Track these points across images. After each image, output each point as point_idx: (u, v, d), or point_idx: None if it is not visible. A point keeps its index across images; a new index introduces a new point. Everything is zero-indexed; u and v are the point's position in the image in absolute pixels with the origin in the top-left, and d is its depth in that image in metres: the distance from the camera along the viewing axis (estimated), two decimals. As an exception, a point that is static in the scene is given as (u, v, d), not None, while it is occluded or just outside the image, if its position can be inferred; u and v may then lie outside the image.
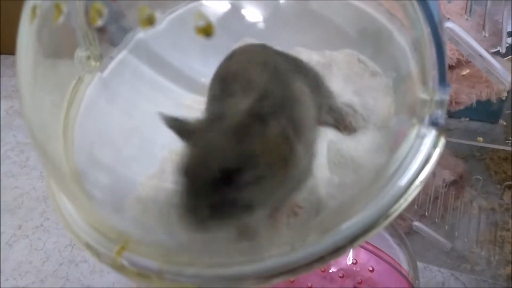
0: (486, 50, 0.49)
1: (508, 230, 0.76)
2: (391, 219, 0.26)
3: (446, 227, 0.78)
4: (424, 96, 0.29)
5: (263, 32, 0.35)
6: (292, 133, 0.28)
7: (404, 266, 0.54)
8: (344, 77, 0.38)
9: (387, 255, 0.53)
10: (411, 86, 0.31)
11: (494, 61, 0.46)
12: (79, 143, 0.35)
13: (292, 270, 0.27)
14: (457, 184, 0.83)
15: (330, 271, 0.57)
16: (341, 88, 0.37)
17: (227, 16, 0.33)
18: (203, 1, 0.36)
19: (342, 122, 0.37)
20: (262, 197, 0.27)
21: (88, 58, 0.36)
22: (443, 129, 0.29)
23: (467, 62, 0.67)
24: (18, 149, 1.07)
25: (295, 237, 0.28)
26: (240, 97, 0.29)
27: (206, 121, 0.29)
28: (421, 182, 0.27)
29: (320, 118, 0.35)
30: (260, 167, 0.27)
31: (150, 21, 0.29)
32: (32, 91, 0.33)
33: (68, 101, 0.37)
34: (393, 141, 0.32)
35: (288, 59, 0.35)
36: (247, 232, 0.31)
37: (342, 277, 0.56)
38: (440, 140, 0.28)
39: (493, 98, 0.69)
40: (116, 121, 0.38)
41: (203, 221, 0.26)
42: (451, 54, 0.67)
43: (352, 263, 0.57)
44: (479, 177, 0.81)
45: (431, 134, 0.29)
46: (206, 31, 0.29)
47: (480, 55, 0.46)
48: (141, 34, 0.37)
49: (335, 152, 0.34)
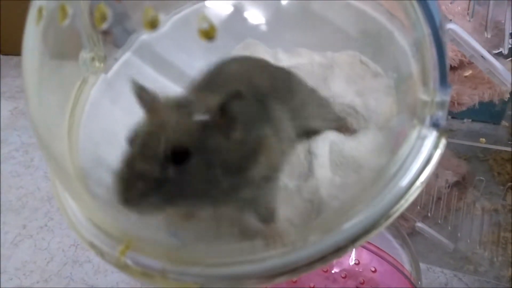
0: (489, 51, 0.49)
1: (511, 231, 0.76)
2: (392, 220, 0.27)
3: (449, 228, 0.77)
4: (425, 97, 0.29)
5: (266, 33, 0.35)
6: (252, 142, 0.28)
7: (407, 267, 0.54)
8: (346, 78, 0.38)
9: (390, 256, 0.53)
10: (412, 87, 0.31)
11: (496, 62, 0.46)
12: (84, 143, 0.35)
13: (294, 270, 0.27)
14: (460, 185, 0.83)
15: (333, 272, 0.57)
16: (343, 89, 0.37)
17: (230, 18, 0.34)
18: (206, 3, 0.36)
19: (344, 126, 0.37)
20: (203, 189, 0.27)
21: (93, 60, 0.36)
22: (444, 130, 0.29)
23: (470, 63, 0.67)
24: (23, 150, 1.07)
25: (297, 237, 0.28)
26: (215, 95, 0.28)
27: (174, 102, 0.29)
28: (422, 183, 0.27)
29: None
30: (209, 158, 0.26)
31: (154, 24, 0.30)
32: (38, 92, 0.33)
33: (73, 102, 0.37)
34: (394, 142, 0.32)
35: (279, 79, 0.35)
36: (248, 232, 0.31)
37: (345, 278, 0.56)
38: (441, 141, 0.29)
39: (496, 100, 0.69)
40: (120, 121, 0.38)
41: (134, 198, 0.26)
42: (454, 55, 0.67)
43: (355, 264, 0.57)
44: (482, 178, 0.81)
45: (432, 135, 0.29)
46: (209, 34, 0.29)
47: (482, 56, 0.46)
48: (145, 36, 0.37)
49: (337, 153, 0.34)
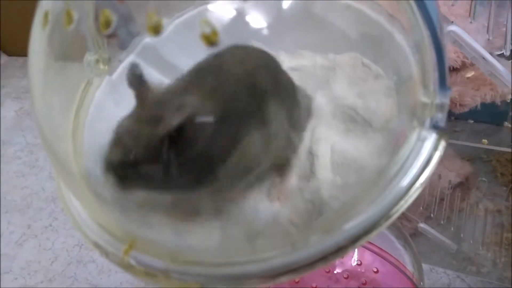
0: (491, 53, 0.49)
1: (515, 232, 0.76)
2: (392, 221, 0.27)
3: (452, 229, 0.77)
4: (425, 100, 0.30)
5: (268, 36, 0.35)
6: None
7: (409, 268, 0.54)
8: (348, 80, 0.38)
9: (392, 257, 0.53)
10: (412, 89, 0.31)
11: (498, 64, 0.46)
12: (88, 144, 0.36)
13: (295, 270, 0.27)
14: (463, 186, 0.83)
15: (335, 272, 0.57)
16: (345, 91, 0.37)
17: (232, 22, 0.34)
18: (209, 7, 0.36)
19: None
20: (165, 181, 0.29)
21: (97, 62, 0.37)
22: (444, 132, 0.29)
23: (472, 65, 0.67)
24: (28, 150, 1.08)
25: (298, 237, 0.29)
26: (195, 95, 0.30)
27: (163, 95, 0.30)
28: (421, 185, 0.28)
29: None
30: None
31: (157, 29, 0.30)
32: (43, 93, 0.33)
33: (78, 104, 0.37)
34: (395, 143, 0.32)
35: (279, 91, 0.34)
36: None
37: (347, 278, 0.57)
38: (441, 143, 0.29)
39: (498, 101, 0.69)
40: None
41: (120, 177, 0.29)
42: (456, 57, 0.67)
43: (357, 264, 0.57)
44: (485, 179, 0.81)
45: (432, 137, 0.29)
46: (211, 39, 0.29)
47: (483, 58, 0.46)
48: (148, 39, 0.37)
49: (339, 154, 0.35)
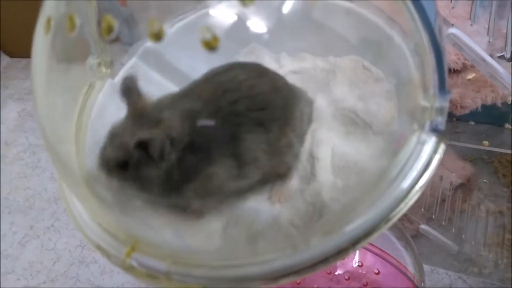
0: (491, 55, 0.49)
1: (516, 233, 0.76)
2: (392, 223, 0.27)
3: (453, 230, 0.77)
4: (425, 103, 0.30)
5: (268, 41, 0.35)
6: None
7: (410, 269, 0.54)
8: (349, 83, 0.38)
9: (393, 258, 0.53)
10: (412, 92, 0.31)
11: (498, 66, 0.46)
12: (91, 146, 0.36)
13: (297, 272, 0.28)
14: (465, 187, 0.82)
15: (336, 273, 0.57)
16: (346, 94, 0.38)
17: (234, 25, 0.34)
18: (210, 12, 0.36)
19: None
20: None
21: (99, 65, 0.37)
22: (443, 135, 0.29)
23: (473, 67, 0.67)
24: (30, 151, 1.08)
25: (299, 239, 0.29)
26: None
27: (150, 108, 0.33)
28: (421, 187, 0.28)
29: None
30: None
31: (159, 35, 0.30)
32: (45, 95, 0.34)
33: (80, 106, 0.38)
34: (395, 146, 0.32)
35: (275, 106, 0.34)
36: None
37: (348, 279, 0.57)
38: (440, 146, 0.29)
39: (499, 102, 0.69)
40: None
41: (111, 170, 0.31)
42: (457, 59, 0.67)
43: (358, 266, 0.57)
44: (486, 181, 0.81)
45: (431, 141, 0.29)
46: (212, 45, 0.29)
47: (484, 60, 0.46)
48: (150, 43, 0.38)
49: (339, 156, 0.35)
